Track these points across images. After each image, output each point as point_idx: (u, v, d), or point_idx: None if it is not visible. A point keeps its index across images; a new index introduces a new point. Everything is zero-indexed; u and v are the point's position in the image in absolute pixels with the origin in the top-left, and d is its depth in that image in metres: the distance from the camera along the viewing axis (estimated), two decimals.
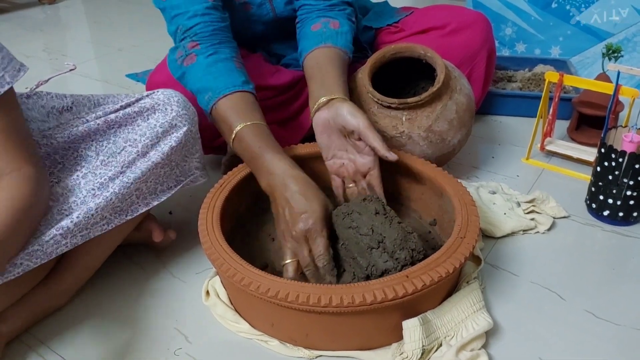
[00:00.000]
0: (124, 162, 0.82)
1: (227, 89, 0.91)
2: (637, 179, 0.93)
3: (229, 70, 0.94)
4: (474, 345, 0.73)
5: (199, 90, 0.94)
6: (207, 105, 0.92)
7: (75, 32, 2.34)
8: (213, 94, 0.91)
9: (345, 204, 0.84)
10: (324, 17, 1.06)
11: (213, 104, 0.91)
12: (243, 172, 0.93)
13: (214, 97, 0.91)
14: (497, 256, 0.93)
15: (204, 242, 0.78)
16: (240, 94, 0.92)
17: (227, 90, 0.91)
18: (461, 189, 0.88)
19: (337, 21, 1.05)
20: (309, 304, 0.68)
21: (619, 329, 0.78)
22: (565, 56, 1.61)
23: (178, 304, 0.84)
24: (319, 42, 1.01)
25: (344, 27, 1.05)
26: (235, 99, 0.91)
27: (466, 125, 1.04)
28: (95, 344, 0.77)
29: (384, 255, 0.77)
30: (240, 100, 0.91)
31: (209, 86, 0.92)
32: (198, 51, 0.95)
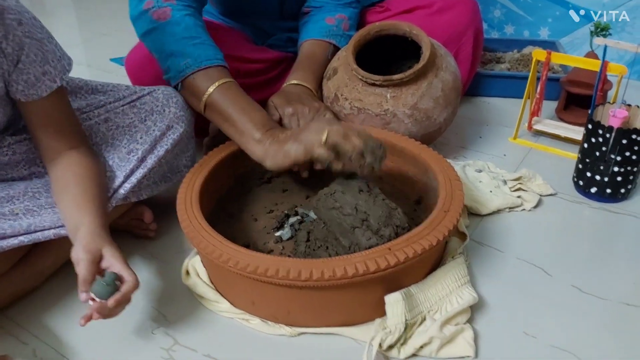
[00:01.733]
0: (126, 172, 0.83)
1: (210, 61, 0.88)
2: (625, 154, 0.92)
3: (209, 40, 0.91)
4: (458, 319, 0.72)
5: (172, 53, 0.88)
6: (182, 72, 0.87)
7: (60, 17, 2.31)
8: (193, 62, 0.87)
9: (328, 187, 0.82)
10: (339, 14, 1.13)
11: (191, 73, 0.87)
12: (223, 153, 0.91)
13: (193, 65, 0.87)
14: (483, 233, 0.91)
15: (182, 220, 0.76)
16: (222, 68, 0.89)
17: (210, 62, 0.88)
18: (446, 164, 0.86)
19: (349, 24, 1.13)
20: (289, 278, 0.66)
21: (605, 303, 0.77)
22: (554, 37, 1.60)
23: (157, 284, 0.82)
24: (326, 36, 1.10)
25: (352, 31, 1.12)
26: (216, 72, 0.88)
27: (452, 103, 1.02)
28: (71, 324, 0.76)
29: (367, 233, 0.75)
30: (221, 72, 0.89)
31: (188, 52, 0.87)
32: (173, 6, 0.89)
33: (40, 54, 0.72)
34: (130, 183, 0.82)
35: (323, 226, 0.79)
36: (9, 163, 0.79)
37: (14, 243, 0.69)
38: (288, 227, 0.88)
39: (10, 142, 0.80)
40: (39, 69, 0.73)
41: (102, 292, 0.65)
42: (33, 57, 0.71)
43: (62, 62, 0.77)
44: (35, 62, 0.72)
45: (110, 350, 0.72)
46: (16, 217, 0.72)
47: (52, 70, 0.74)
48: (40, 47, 0.73)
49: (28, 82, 0.72)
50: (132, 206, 0.89)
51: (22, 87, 0.72)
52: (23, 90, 0.72)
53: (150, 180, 0.87)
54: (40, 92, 0.73)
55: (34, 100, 0.74)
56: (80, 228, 0.68)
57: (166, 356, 0.71)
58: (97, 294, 0.65)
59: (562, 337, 0.72)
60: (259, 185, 0.99)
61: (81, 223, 0.69)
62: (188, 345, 0.72)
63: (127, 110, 0.87)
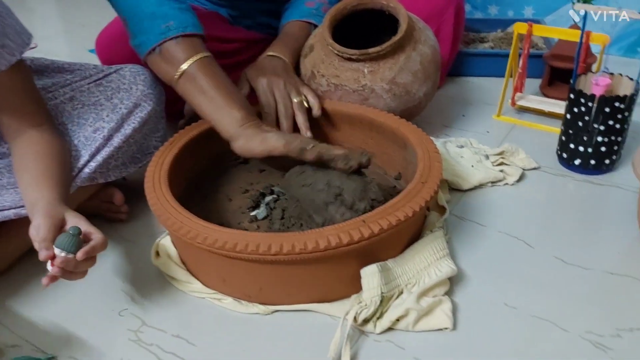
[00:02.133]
0: (91, 151, 0.80)
1: (195, 27, 0.83)
2: (608, 123, 0.90)
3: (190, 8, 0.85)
4: (436, 291, 0.70)
5: (153, 14, 0.81)
6: (163, 35, 0.80)
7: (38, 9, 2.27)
8: (177, 26, 0.81)
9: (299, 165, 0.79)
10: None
11: (173, 37, 0.80)
12: (195, 131, 0.88)
13: (176, 29, 0.81)
14: (465, 208, 0.89)
15: (149, 198, 0.74)
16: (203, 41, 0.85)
17: (194, 29, 0.82)
18: (424, 137, 0.84)
19: (328, 8, 1.06)
20: (258, 252, 0.63)
21: (588, 273, 0.75)
22: (538, 16, 1.58)
23: (127, 267, 0.79)
24: (305, 17, 1.07)
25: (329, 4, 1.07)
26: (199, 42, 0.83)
27: (431, 77, 0.99)
28: (36, 308, 0.73)
29: (342, 208, 0.72)
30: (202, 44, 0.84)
31: (173, 15, 0.81)
32: None
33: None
34: (96, 162, 0.80)
35: (297, 204, 0.77)
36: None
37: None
38: (263, 206, 0.85)
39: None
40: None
41: (67, 243, 0.60)
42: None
43: (22, 36, 0.74)
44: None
45: (75, 333, 0.69)
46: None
47: (11, 44, 0.72)
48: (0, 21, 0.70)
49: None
50: (102, 188, 0.87)
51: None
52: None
53: (119, 160, 0.84)
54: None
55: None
56: (37, 203, 0.65)
57: (134, 337, 0.68)
58: (62, 245, 0.60)
59: (543, 308, 0.70)
60: (235, 166, 0.97)
61: (39, 198, 0.66)
62: (156, 326, 0.69)
63: (93, 89, 0.84)
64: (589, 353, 0.64)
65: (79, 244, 0.61)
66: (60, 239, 0.61)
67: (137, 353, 0.66)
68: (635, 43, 1.46)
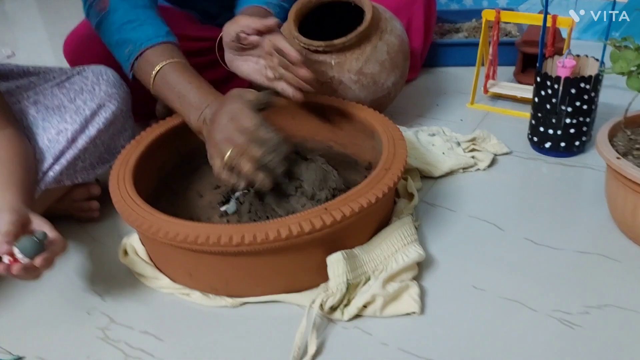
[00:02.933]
0: (55, 154, 0.80)
1: (150, 41, 0.84)
2: (575, 104, 0.90)
3: (150, 18, 0.86)
4: (403, 276, 0.70)
5: (117, 43, 0.86)
6: (128, 61, 0.85)
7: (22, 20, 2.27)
8: (134, 47, 0.84)
9: None
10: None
11: (134, 59, 0.84)
12: (162, 128, 0.88)
13: (135, 50, 0.84)
14: (436, 195, 0.89)
15: (113, 196, 0.73)
16: (165, 45, 0.85)
17: (149, 42, 0.83)
18: (390, 125, 0.84)
19: None
20: (220, 244, 0.63)
21: (558, 253, 0.75)
22: (512, 5, 1.59)
23: (96, 266, 0.79)
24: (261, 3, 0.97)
25: (287, 3, 1.01)
26: (160, 49, 0.84)
27: (399, 67, 1.00)
28: (4, 309, 0.73)
29: (302, 199, 0.72)
30: (165, 49, 0.84)
31: (128, 38, 0.84)
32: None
33: None
34: (60, 165, 0.79)
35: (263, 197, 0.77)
36: None
37: None
38: (233, 201, 0.85)
39: None
40: None
41: (29, 247, 0.60)
42: None
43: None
44: None
45: (42, 333, 0.69)
46: None
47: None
48: None
49: None
50: (73, 189, 0.86)
51: None
52: None
53: (86, 162, 0.84)
54: None
55: None
56: (1, 208, 0.65)
57: (101, 335, 0.68)
58: (24, 249, 0.60)
59: (513, 289, 0.70)
60: (206, 162, 0.96)
61: (2, 203, 0.65)
62: (124, 323, 0.69)
63: (56, 92, 0.84)
64: (556, 330, 0.63)
65: (40, 249, 0.61)
66: (24, 242, 0.60)
67: (105, 350, 0.66)
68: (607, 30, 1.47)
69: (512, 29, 1.43)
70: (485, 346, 0.62)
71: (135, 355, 0.65)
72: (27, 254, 0.60)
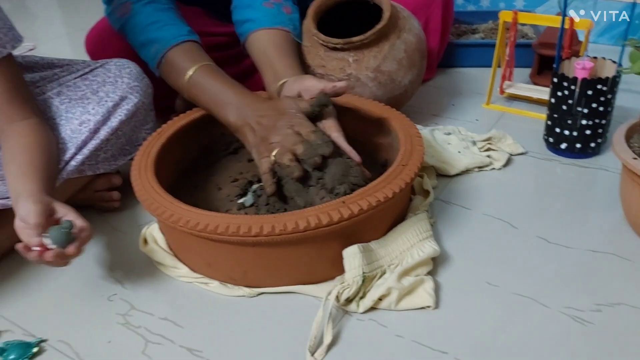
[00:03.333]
0: (78, 144, 0.82)
1: (175, 39, 0.88)
2: (591, 106, 0.91)
3: (172, 20, 0.91)
4: (418, 271, 0.71)
5: (142, 44, 0.91)
6: (154, 59, 0.89)
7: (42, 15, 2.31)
8: (160, 46, 0.88)
9: None
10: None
11: (162, 56, 0.88)
12: (183, 121, 0.90)
13: (161, 49, 0.88)
14: (451, 193, 0.90)
15: (135, 185, 0.75)
16: (189, 44, 0.89)
17: (175, 41, 0.88)
18: (407, 123, 0.85)
19: (289, 7, 0.98)
20: (239, 234, 0.65)
21: (571, 251, 0.76)
22: (529, 7, 1.59)
23: (117, 254, 0.81)
24: (274, 23, 0.93)
25: (295, 14, 1.00)
26: (185, 48, 0.88)
27: (416, 65, 1.01)
28: (27, 295, 0.75)
29: (322, 191, 0.74)
30: (190, 48, 0.89)
31: (153, 38, 0.89)
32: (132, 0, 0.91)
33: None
34: (83, 155, 0.81)
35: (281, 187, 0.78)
36: None
37: None
38: (251, 194, 0.86)
39: None
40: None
41: (60, 238, 0.62)
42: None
43: (14, 32, 0.77)
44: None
45: (64, 318, 0.71)
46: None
47: (2, 36, 0.74)
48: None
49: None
50: (94, 179, 0.88)
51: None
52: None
53: (108, 153, 0.86)
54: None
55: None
56: (21, 194, 0.67)
57: (122, 321, 0.69)
58: (55, 239, 0.62)
59: (526, 285, 0.70)
60: (225, 156, 0.98)
61: (23, 190, 0.67)
62: (144, 310, 0.71)
63: (79, 83, 0.86)
64: (568, 327, 0.64)
65: (71, 238, 0.64)
66: (54, 233, 0.63)
67: (126, 335, 0.67)
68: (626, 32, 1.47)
69: (529, 31, 1.43)
70: (498, 340, 0.63)
71: (155, 340, 0.66)
72: (58, 245, 0.63)
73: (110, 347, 0.66)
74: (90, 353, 0.65)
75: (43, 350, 0.66)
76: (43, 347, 0.66)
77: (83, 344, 0.67)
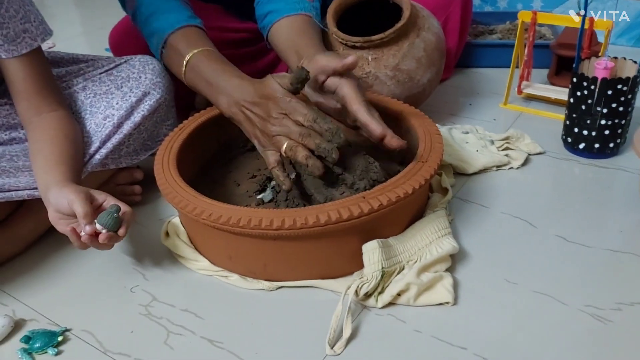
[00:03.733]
0: (102, 138, 0.83)
1: (171, 27, 0.86)
2: (611, 106, 0.91)
3: (171, 6, 0.89)
4: (437, 267, 0.71)
5: (147, 36, 0.90)
6: (157, 50, 0.89)
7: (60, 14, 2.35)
8: (159, 37, 0.87)
9: None
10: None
11: (162, 46, 0.87)
12: (203, 117, 0.91)
13: (160, 40, 0.87)
14: (469, 191, 0.90)
15: (158, 178, 0.76)
16: (187, 29, 0.87)
17: (171, 29, 0.86)
18: (426, 120, 0.85)
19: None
20: (261, 227, 0.66)
21: (589, 250, 0.76)
22: (547, 8, 1.59)
23: (138, 247, 0.82)
24: (296, 10, 0.94)
25: (317, 2, 1.00)
26: (182, 33, 0.86)
27: (435, 64, 1.01)
28: (52, 285, 0.76)
29: (342, 187, 0.74)
30: (188, 33, 0.87)
31: (154, 29, 0.88)
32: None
33: (21, 12, 0.75)
34: (106, 148, 0.83)
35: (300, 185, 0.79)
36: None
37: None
38: (269, 190, 0.87)
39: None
40: (20, 25, 0.75)
41: (112, 223, 0.66)
42: (13, 12, 0.74)
43: (44, 25, 0.79)
44: (16, 18, 0.74)
45: (88, 308, 0.72)
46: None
47: (33, 29, 0.76)
48: (22, 5, 0.75)
49: (8, 36, 0.74)
50: (117, 173, 0.90)
51: (2, 41, 0.74)
52: (3, 45, 0.74)
53: (130, 147, 0.87)
54: (20, 49, 0.75)
55: (14, 59, 0.75)
56: (50, 186, 0.68)
57: (144, 312, 0.71)
58: (107, 225, 0.66)
59: (544, 283, 0.70)
60: (243, 153, 0.99)
61: (51, 181, 0.69)
62: (166, 301, 0.72)
63: (104, 78, 0.87)
64: (588, 325, 0.64)
65: (120, 221, 0.67)
66: (105, 218, 0.66)
67: (148, 326, 0.69)
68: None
69: (547, 32, 1.43)
70: (517, 337, 0.63)
71: (176, 331, 0.67)
72: (110, 229, 0.66)
73: (132, 337, 0.67)
74: (113, 342, 0.67)
75: (67, 339, 0.67)
76: (67, 336, 0.68)
77: (106, 333, 0.68)
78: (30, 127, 0.77)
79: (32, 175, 0.75)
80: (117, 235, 0.67)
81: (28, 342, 0.66)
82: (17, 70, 0.76)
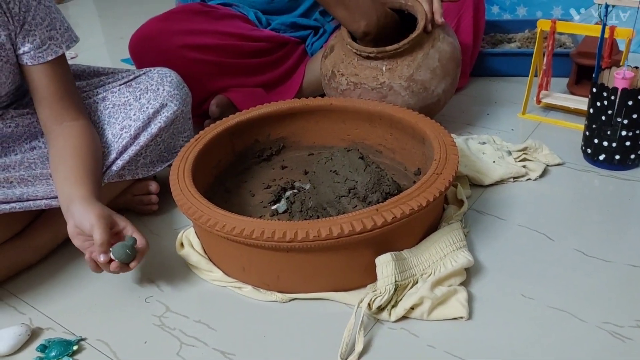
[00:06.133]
0: (118, 148, 0.85)
1: None
2: (632, 117, 0.89)
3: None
4: (452, 281, 0.70)
5: None
6: None
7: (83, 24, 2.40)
8: None
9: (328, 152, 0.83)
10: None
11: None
12: (219, 127, 0.92)
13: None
14: (485, 203, 0.89)
15: (173, 189, 0.77)
16: None
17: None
18: (442, 131, 0.85)
19: None
20: (274, 239, 0.66)
21: (609, 265, 0.74)
22: (567, 16, 1.56)
23: (153, 257, 0.83)
24: None
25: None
26: None
27: (450, 74, 1.00)
28: (68, 294, 0.77)
29: (354, 200, 0.74)
30: None
31: None
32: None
33: (47, 19, 0.77)
34: (123, 160, 0.84)
35: (315, 197, 0.79)
36: (11, 136, 0.82)
37: (5, 208, 0.71)
38: (284, 200, 0.88)
39: (14, 115, 0.82)
40: (46, 33, 0.76)
41: (124, 255, 0.68)
42: (39, 20, 0.76)
43: (70, 33, 0.81)
44: (42, 26, 0.76)
45: (103, 317, 0.73)
46: (10, 185, 0.74)
47: (58, 36, 0.78)
48: (48, 13, 0.77)
49: (34, 44, 0.76)
50: (133, 184, 0.91)
51: (28, 48, 0.75)
52: (29, 52, 0.76)
53: (147, 158, 0.88)
54: (45, 56, 0.77)
55: (39, 66, 0.77)
56: (74, 200, 0.69)
57: (158, 322, 0.71)
58: (119, 257, 0.68)
59: (562, 299, 0.69)
60: (258, 163, 0.99)
61: (76, 195, 0.70)
62: (180, 312, 0.72)
63: (123, 90, 0.89)
64: (606, 343, 0.63)
65: (134, 255, 0.69)
66: (120, 251, 0.68)
67: (161, 336, 0.69)
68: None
69: (567, 40, 1.41)
70: (533, 354, 0.62)
71: (189, 342, 0.68)
72: (123, 261, 0.68)
73: (146, 348, 0.67)
74: (127, 352, 0.67)
75: (82, 348, 0.68)
76: (82, 345, 0.69)
77: (120, 343, 0.68)
78: (52, 136, 0.78)
79: (50, 184, 0.76)
80: (128, 267, 0.69)
81: (44, 350, 0.67)
82: (41, 77, 0.78)
